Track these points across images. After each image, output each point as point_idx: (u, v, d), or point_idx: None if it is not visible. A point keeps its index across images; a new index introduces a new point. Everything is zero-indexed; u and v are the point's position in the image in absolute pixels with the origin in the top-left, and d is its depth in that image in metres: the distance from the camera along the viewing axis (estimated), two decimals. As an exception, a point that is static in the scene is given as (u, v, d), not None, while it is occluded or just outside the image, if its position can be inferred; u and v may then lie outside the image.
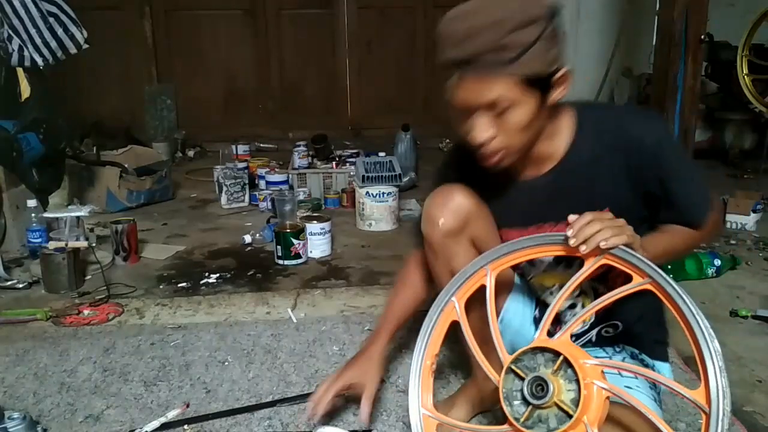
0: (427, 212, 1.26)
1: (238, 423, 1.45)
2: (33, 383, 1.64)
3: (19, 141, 2.58)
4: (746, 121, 4.24)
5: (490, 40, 1.00)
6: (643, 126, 1.14)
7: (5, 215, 2.61)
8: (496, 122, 1.08)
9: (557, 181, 1.19)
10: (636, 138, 1.13)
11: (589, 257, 1.01)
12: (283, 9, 5.06)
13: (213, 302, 2.16)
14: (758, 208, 2.92)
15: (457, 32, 1.03)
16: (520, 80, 1.03)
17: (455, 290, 1.15)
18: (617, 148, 1.14)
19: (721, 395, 0.89)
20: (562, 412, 0.96)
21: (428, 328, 1.19)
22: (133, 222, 2.55)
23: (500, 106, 1.05)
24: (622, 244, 0.98)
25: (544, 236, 1.07)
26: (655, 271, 0.96)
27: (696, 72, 2.73)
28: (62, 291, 2.23)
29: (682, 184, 1.14)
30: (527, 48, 1.01)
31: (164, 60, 5.10)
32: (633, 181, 1.15)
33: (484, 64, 1.02)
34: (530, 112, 1.07)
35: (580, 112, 1.18)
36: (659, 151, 1.12)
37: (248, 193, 3.45)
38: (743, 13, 4.14)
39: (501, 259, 1.10)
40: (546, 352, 1.00)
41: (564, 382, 0.97)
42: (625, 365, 1.03)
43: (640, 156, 1.12)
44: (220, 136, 4.84)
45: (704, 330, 0.91)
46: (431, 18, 5.06)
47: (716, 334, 0.91)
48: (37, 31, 2.52)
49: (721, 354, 0.91)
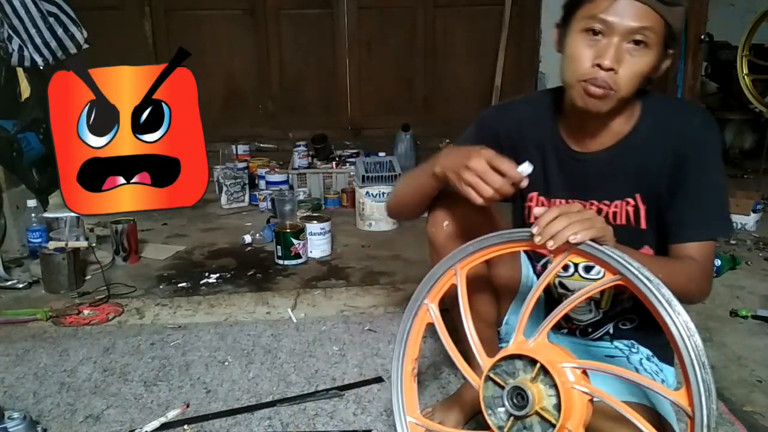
0: (433, 215, 1.28)
1: (238, 423, 1.45)
2: (33, 383, 1.64)
3: (19, 141, 2.58)
4: (746, 121, 4.24)
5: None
6: (700, 128, 1.17)
7: (5, 215, 2.62)
8: (624, 57, 1.08)
9: (613, 161, 1.20)
10: (690, 137, 1.15)
11: (557, 254, 0.97)
12: (283, 9, 5.05)
13: (213, 302, 2.16)
14: (758, 208, 2.92)
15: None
16: (666, 26, 1.08)
17: (426, 293, 1.14)
18: (670, 141, 1.16)
19: (704, 395, 0.84)
20: (544, 420, 0.94)
21: (404, 333, 1.17)
22: (133, 222, 2.55)
23: (643, 38, 1.07)
24: (591, 238, 0.93)
25: (509, 233, 1.04)
26: (623, 265, 0.90)
27: (696, 72, 2.73)
28: (62, 291, 2.23)
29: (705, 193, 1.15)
30: (678, 3, 1.08)
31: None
32: (671, 175, 1.16)
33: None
34: (651, 62, 1.10)
35: (647, 97, 1.21)
36: (703, 153, 1.15)
37: (248, 193, 3.45)
38: (743, 13, 4.14)
39: (469, 257, 1.08)
40: (523, 358, 0.97)
41: (544, 387, 0.94)
42: (605, 366, 0.97)
43: (686, 146, 1.15)
44: (220, 136, 4.82)
45: (680, 326, 0.86)
46: (431, 18, 5.06)
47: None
48: (37, 31, 2.52)
49: (702, 350, 0.86)
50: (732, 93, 4.12)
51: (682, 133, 1.16)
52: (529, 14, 4.96)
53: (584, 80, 1.10)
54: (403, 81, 5.16)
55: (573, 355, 1.00)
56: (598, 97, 1.10)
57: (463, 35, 5.08)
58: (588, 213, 0.97)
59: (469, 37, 5.08)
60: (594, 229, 0.94)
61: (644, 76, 1.11)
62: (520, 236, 1.02)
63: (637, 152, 1.18)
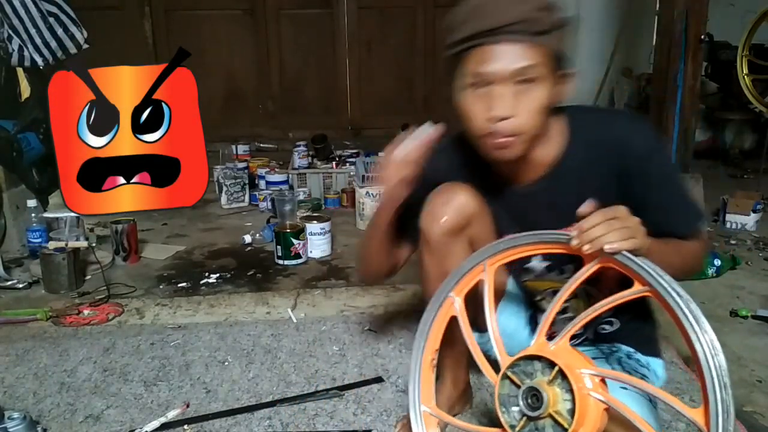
0: (430, 208, 1.24)
1: (238, 423, 1.45)
2: (33, 383, 1.64)
3: (19, 141, 2.58)
4: (746, 121, 4.25)
5: (523, 10, 1.02)
6: (634, 132, 1.13)
7: (5, 215, 2.62)
8: (516, 101, 1.05)
9: (551, 188, 1.18)
10: (626, 143, 1.11)
11: (589, 258, 0.97)
12: (283, 9, 5.05)
13: (213, 302, 2.16)
14: (758, 208, 2.92)
15: (486, 5, 1.05)
16: (549, 54, 1.05)
17: (453, 285, 1.13)
18: (608, 152, 1.13)
19: (722, 417, 0.82)
20: (557, 424, 0.93)
21: (427, 323, 1.17)
22: (133, 222, 2.55)
23: (527, 76, 1.04)
24: (627, 249, 0.92)
25: (544, 233, 1.04)
26: (656, 279, 0.90)
27: (696, 72, 2.72)
28: (62, 291, 2.23)
29: (669, 194, 1.13)
30: (557, 26, 1.05)
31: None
32: (621, 186, 1.13)
33: (519, 31, 1.03)
34: (547, 94, 1.07)
35: (572, 116, 1.17)
36: (648, 159, 1.11)
37: (248, 193, 3.45)
38: (743, 13, 4.14)
39: (499, 254, 1.07)
40: (542, 360, 0.96)
41: (560, 391, 0.94)
42: (625, 377, 0.98)
43: (629, 161, 1.11)
44: (220, 136, 4.83)
45: (705, 344, 0.84)
46: (431, 18, 5.07)
47: (716, 334, 0.87)
48: (37, 31, 2.52)
49: (725, 370, 0.84)
50: (732, 93, 4.12)
51: (620, 150, 1.12)
52: (529, 14, 4.96)
53: (484, 136, 1.09)
54: (403, 81, 5.17)
55: (594, 362, 0.99)
56: (506, 147, 1.09)
57: (463, 35, 5.08)
58: (631, 221, 0.94)
59: (469, 37, 5.07)
60: (632, 240, 0.92)
61: (546, 108, 1.08)
62: (553, 238, 1.01)
63: (575, 176, 1.15)
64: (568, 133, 1.16)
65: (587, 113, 1.21)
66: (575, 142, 1.16)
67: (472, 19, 1.05)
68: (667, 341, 1.79)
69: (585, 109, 1.23)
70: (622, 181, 1.13)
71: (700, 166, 3.23)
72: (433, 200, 1.25)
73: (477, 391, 1.52)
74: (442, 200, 1.24)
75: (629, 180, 1.12)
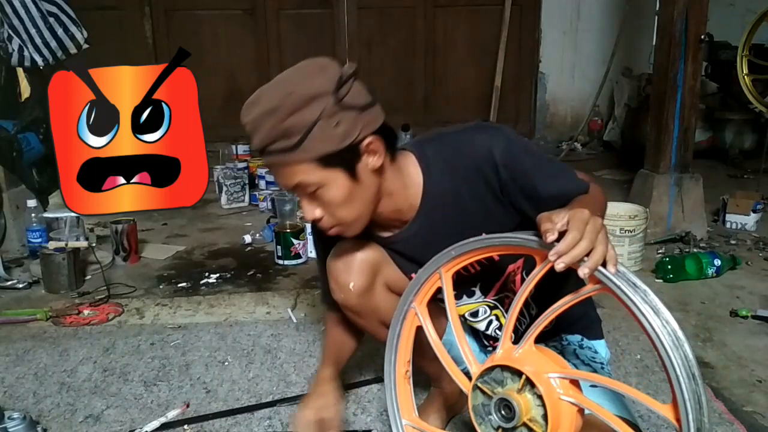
0: (334, 280, 1.24)
1: (238, 423, 1.45)
2: (33, 383, 1.64)
3: (19, 141, 2.58)
4: (746, 121, 4.25)
5: (270, 127, 1.00)
6: (483, 143, 1.09)
7: (5, 215, 2.62)
8: (318, 202, 1.07)
9: (424, 227, 1.17)
10: (484, 158, 1.08)
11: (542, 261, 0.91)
12: (283, 9, 5.05)
13: (213, 302, 2.16)
14: (758, 208, 2.92)
15: (247, 124, 1.05)
16: (314, 162, 1.01)
17: (413, 297, 1.12)
18: (471, 173, 1.10)
19: (692, 409, 0.78)
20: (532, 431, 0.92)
21: (394, 337, 1.16)
22: (133, 222, 2.55)
23: (308, 189, 1.05)
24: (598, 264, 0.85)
25: (489, 238, 0.99)
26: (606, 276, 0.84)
27: (696, 72, 2.72)
28: (62, 291, 2.23)
29: (547, 179, 1.07)
30: (308, 130, 0.99)
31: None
32: (499, 198, 1.11)
33: (274, 153, 1.02)
34: (342, 188, 1.05)
35: (421, 153, 1.15)
36: (511, 160, 1.07)
37: (248, 193, 3.45)
38: (743, 13, 4.15)
39: (452, 261, 1.05)
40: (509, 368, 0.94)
41: (531, 397, 0.92)
42: (593, 376, 0.95)
43: (496, 173, 1.08)
44: (220, 136, 4.82)
45: (663, 336, 0.80)
46: (431, 18, 5.06)
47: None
48: (37, 31, 2.53)
49: (692, 360, 0.80)
50: (732, 93, 4.12)
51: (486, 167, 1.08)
52: (529, 14, 4.96)
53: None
54: (403, 81, 5.16)
55: (564, 361, 0.97)
56: (338, 233, 1.12)
57: (463, 35, 5.08)
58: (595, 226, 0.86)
59: (469, 37, 5.08)
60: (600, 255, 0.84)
61: (350, 195, 1.06)
62: (500, 241, 0.97)
63: (445, 208, 1.14)
64: (423, 171, 1.14)
65: (436, 144, 1.17)
66: (432, 177, 1.13)
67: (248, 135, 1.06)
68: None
69: (434, 139, 1.19)
70: (500, 190, 1.09)
71: (700, 166, 3.23)
72: (334, 268, 1.24)
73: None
74: (341, 267, 1.23)
75: (506, 188, 1.09)
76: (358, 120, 1.02)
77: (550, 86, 5.11)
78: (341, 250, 1.23)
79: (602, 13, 4.98)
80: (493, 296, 1.28)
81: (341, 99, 1.00)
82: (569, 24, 4.97)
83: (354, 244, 1.22)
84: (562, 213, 0.87)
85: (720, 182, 3.70)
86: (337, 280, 1.24)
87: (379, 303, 1.25)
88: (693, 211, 2.80)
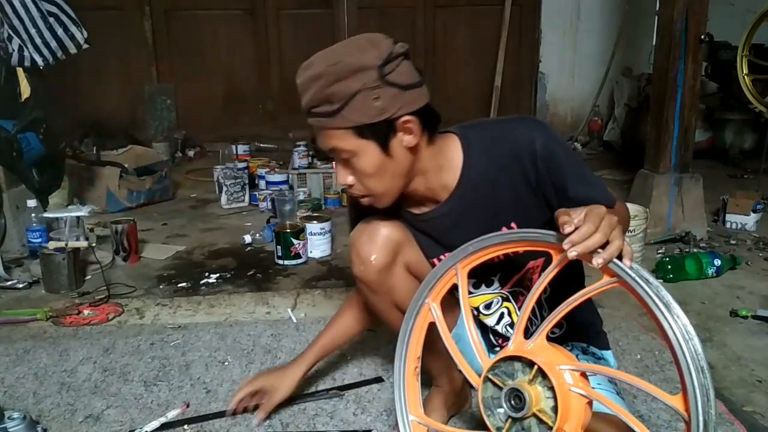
0: (356, 252, 1.25)
1: (238, 423, 1.45)
2: (33, 383, 1.64)
3: (19, 141, 2.58)
4: (746, 121, 4.25)
5: (315, 91, 1.06)
6: (527, 134, 1.13)
7: (5, 215, 2.61)
8: (351, 169, 1.13)
9: (456, 208, 1.19)
10: (525, 148, 1.12)
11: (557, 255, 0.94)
12: (283, 9, 5.05)
13: (213, 302, 2.16)
14: (758, 208, 2.92)
15: (298, 84, 1.10)
16: (350, 130, 1.07)
17: (427, 292, 1.13)
18: (511, 161, 1.13)
19: (701, 401, 0.82)
20: (542, 422, 0.93)
21: (406, 332, 1.17)
22: (133, 222, 2.55)
23: (342, 155, 1.10)
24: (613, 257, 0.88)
25: (510, 233, 1.03)
26: (623, 270, 0.88)
27: (696, 72, 2.72)
28: (62, 291, 2.23)
29: (578, 182, 1.11)
30: (348, 99, 1.04)
31: (164, 60, 5.09)
32: (533, 189, 1.14)
33: (316, 115, 1.08)
34: (374, 160, 1.09)
35: (465, 136, 1.18)
36: (550, 154, 1.11)
37: (248, 193, 3.45)
38: (743, 13, 4.15)
39: (469, 257, 1.07)
40: (521, 359, 0.96)
41: (542, 389, 0.94)
42: (604, 369, 0.98)
43: (534, 164, 1.11)
44: (220, 136, 4.84)
45: (677, 330, 0.84)
46: (431, 18, 5.07)
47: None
48: (37, 31, 2.52)
49: (701, 354, 0.84)
50: (732, 93, 4.12)
51: (525, 156, 1.12)
52: (529, 14, 4.97)
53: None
54: (403, 81, 5.16)
55: (573, 357, 0.99)
56: (368, 203, 1.18)
57: (463, 35, 5.09)
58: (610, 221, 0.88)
59: (469, 37, 5.08)
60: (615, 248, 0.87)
61: (381, 168, 1.10)
62: (519, 237, 1.01)
63: (480, 192, 1.16)
64: (463, 154, 1.17)
65: (480, 129, 1.20)
66: (473, 160, 1.16)
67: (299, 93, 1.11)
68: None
69: (478, 125, 1.22)
70: (534, 181, 1.13)
71: (700, 166, 3.23)
72: (357, 241, 1.26)
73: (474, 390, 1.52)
74: (364, 239, 1.24)
75: (540, 179, 1.12)
76: (398, 98, 1.06)
77: (550, 86, 5.12)
78: (367, 224, 1.25)
79: (602, 13, 4.98)
80: (508, 289, 1.30)
81: (385, 75, 1.04)
82: (569, 24, 4.97)
83: (381, 219, 1.24)
84: (579, 209, 0.91)
85: (720, 182, 3.70)
86: (358, 252, 1.25)
87: (395, 283, 1.25)
88: (693, 211, 2.80)
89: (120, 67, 4.99)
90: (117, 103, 5.00)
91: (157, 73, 5.10)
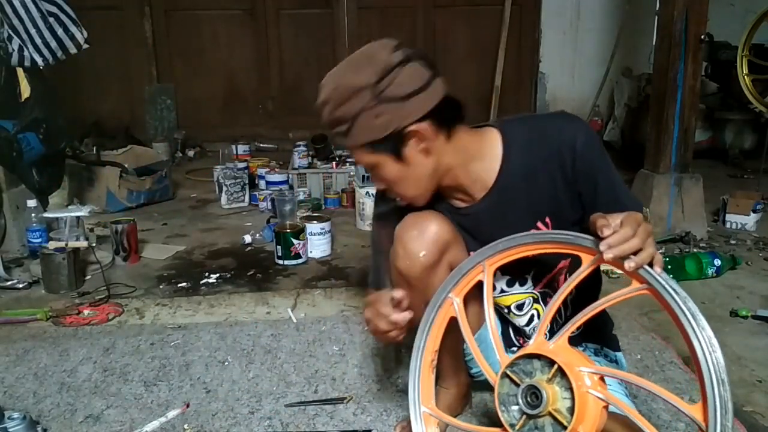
0: (404, 246, 1.21)
1: (238, 423, 1.45)
2: (33, 383, 1.64)
3: (19, 141, 2.58)
4: (746, 121, 4.25)
5: (327, 115, 1.13)
6: (568, 130, 1.15)
7: (5, 215, 2.61)
8: (377, 178, 1.19)
9: (496, 203, 1.20)
10: (567, 143, 1.14)
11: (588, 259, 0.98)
12: (283, 9, 5.05)
13: (213, 302, 2.16)
14: (758, 208, 2.92)
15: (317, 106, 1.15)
16: (363, 147, 1.13)
17: (453, 286, 1.14)
18: (550, 156, 1.15)
19: (720, 412, 0.83)
20: (557, 422, 0.94)
21: (427, 323, 1.17)
22: (133, 222, 2.55)
23: (367, 167, 1.17)
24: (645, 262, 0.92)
25: (542, 233, 1.05)
26: (654, 278, 0.90)
27: (696, 72, 2.72)
28: (62, 291, 2.23)
29: (609, 184, 1.15)
30: (353, 121, 1.09)
31: (164, 60, 5.09)
32: (569, 184, 1.16)
33: (336, 135, 1.15)
34: (393, 169, 1.14)
35: (505, 130, 1.19)
36: (589, 153, 1.14)
37: (248, 193, 3.45)
38: (743, 13, 4.15)
39: (497, 255, 1.08)
40: (541, 358, 0.97)
41: (559, 389, 0.94)
42: (623, 374, 0.99)
43: (573, 160, 1.14)
44: (220, 136, 4.83)
45: (702, 341, 0.85)
46: (431, 18, 5.07)
47: (716, 334, 0.87)
48: (37, 31, 2.52)
49: (723, 366, 0.85)
50: (732, 93, 4.12)
51: (565, 152, 1.14)
52: (529, 14, 4.97)
53: None
54: (403, 81, 5.16)
55: (592, 361, 1.00)
56: (407, 204, 1.22)
57: (463, 35, 5.08)
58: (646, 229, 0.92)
59: (469, 37, 5.08)
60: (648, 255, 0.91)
61: (403, 175, 1.15)
62: (551, 238, 1.02)
63: (519, 187, 1.18)
64: (503, 150, 1.18)
65: (521, 124, 1.22)
66: (513, 154, 1.18)
67: None
68: (666, 341, 1.80)
69: (519, 120, 1.24)
70: (571, 176, 1.15)
71: (700, 166, 3.23)
72: (405, 234, 1.22)
73: (477, 392, 1.52)
74: (414, 234, 1.21)
75: (577, 174, 1.15)
76: (399, 109, 1.08)
77: (550, 86, 5.12)
78: (418, 218, 1.22)
79: (602, 13, 4.98)
80: (540, 288, 1.30)
81: (381, 92, 1.07)
82: (569, 24, 4.97)
83: (430, 215, 1.22)
84: (617, 214, 0.94)
85: (720, 182, 3.70)
86: (406, 246, 1.21)
87: (436, 283, 1.20)
88: (693, 211, 2.80)
89: (120, 67, 4.99)
90: (117, 103, 5.01)
91: (157, 73, 5.10)
